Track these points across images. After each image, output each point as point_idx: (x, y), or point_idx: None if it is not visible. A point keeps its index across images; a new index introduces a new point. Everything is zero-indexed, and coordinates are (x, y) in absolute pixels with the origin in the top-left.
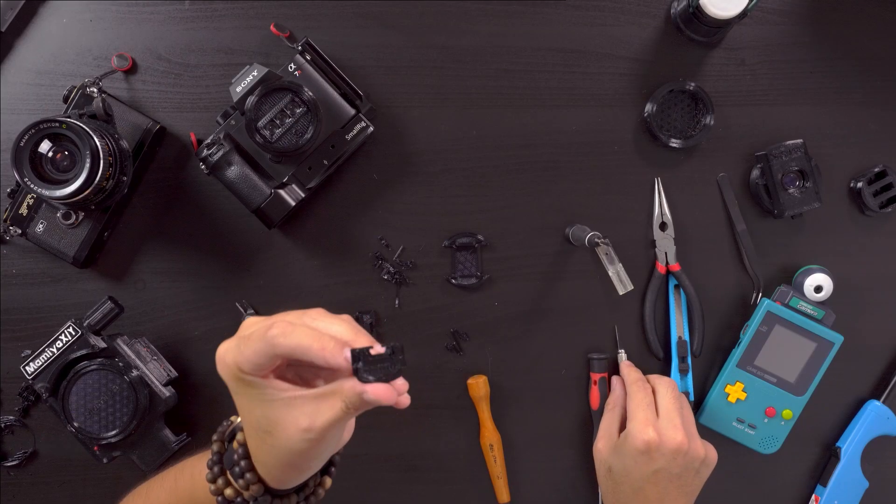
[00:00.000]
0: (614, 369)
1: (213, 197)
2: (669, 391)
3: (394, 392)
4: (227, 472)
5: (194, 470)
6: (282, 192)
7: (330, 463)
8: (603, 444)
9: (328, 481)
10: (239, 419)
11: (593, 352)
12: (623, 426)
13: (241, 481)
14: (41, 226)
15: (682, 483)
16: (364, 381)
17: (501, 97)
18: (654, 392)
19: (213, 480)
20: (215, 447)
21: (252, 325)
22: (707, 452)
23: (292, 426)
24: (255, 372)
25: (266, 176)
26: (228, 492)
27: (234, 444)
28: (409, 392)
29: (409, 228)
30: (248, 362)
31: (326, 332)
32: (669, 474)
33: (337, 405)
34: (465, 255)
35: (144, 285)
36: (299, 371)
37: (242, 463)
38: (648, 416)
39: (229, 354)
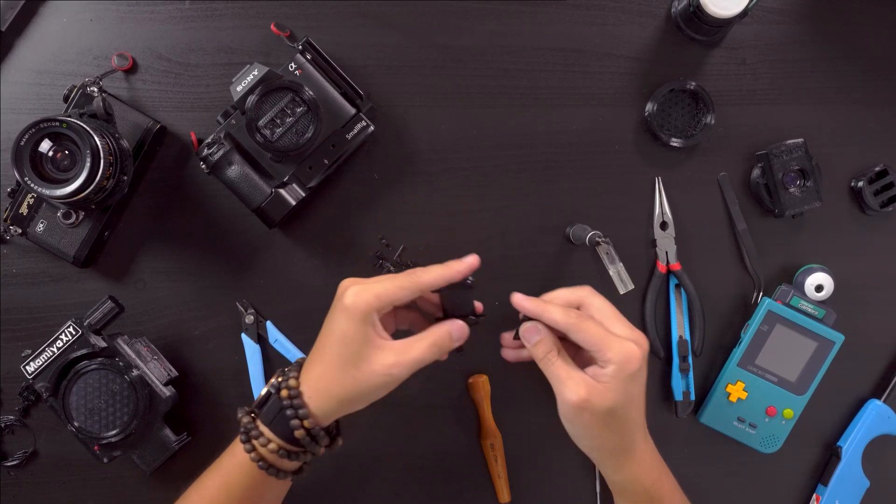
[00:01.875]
0: None
1: (213, 196)
2: (599, 296)
3: (466, 332)
4: (263, 432)
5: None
6: (282, 191)
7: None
8: (588, 392)
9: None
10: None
11: None
12: (580, 363)
13: (294, 421)
14: (41, 225)
15: None
16: (452, 315)
17: (502, 97)
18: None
19: (247, 441)
20: (245, 420)
21: (381, 276)
22: None
23: (378, 363)
24: (388, 306)
25: (266, 175)
26: (272, 446)
27: (283, 393)
28: (410, 391)
29: (409, 228)
30: (389, 293)
31: (448, 265)
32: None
33: (424, 345)
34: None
35: (145, 285)
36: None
37: (296, 401)
38: (621, 337)
39: (370, 289)
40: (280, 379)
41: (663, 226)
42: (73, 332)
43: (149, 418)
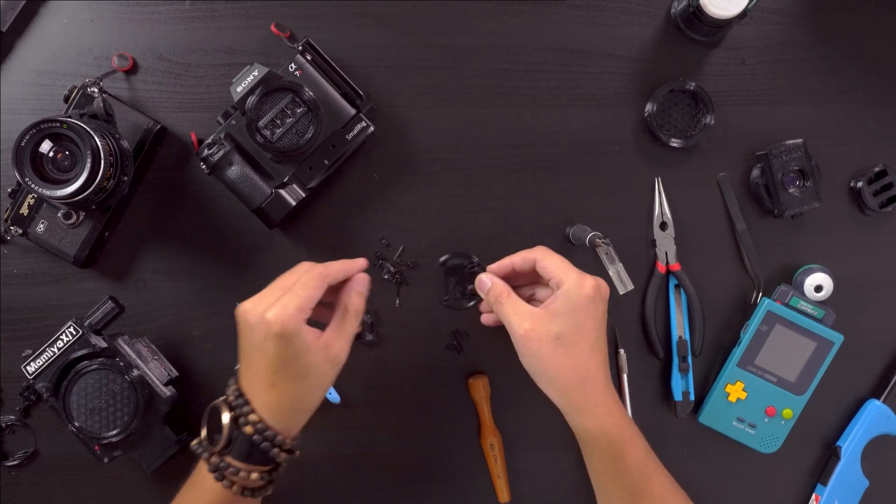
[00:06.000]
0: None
1: (213, 197)
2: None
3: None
4: (241, 468)
5: None
6: (282, 191)
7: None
8: (531, 321)
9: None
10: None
11: None
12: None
13: (274, 450)
14: (42, 225)
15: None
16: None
17: (501, 97)
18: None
19: (222, 479)
20: (215, 460)
21: (280, 287)
22: None
23: (324, 361)
24: (309, 307)
25: (267, 176)
26: (255, 476)
27: (248, 430)
28: (410, 390)
29: (409, 228)
30: (308, 299)
31: (346, 261)
32: (605, 318)
33: (349, 317)
34: (455, 279)
35: (145, 285)
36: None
37: (267, 433)
38: (574, 267)
39: (290, 305)
40: (231, 414)
41: (663, 226)
42: (74, 333)
43: (149, 418)
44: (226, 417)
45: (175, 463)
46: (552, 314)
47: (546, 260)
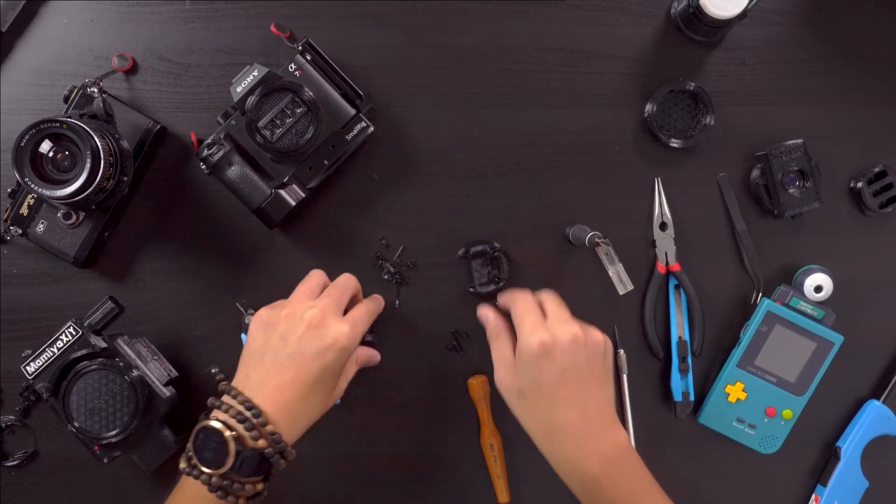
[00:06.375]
0: None
1: (213, 197)
2: (549, 293)
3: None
4: (245, 481)
5: None
6: (282, 192)
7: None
8: (503, 372)
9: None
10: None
11: None
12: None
13: (282, 462)
14: (42, 226)
15: (595, 374)
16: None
17: (501, 97)
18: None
19: (225, 496)
20: (215, 481)
21: (335, 300)
22: (605, 337)
23: (340, 387)
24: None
25: (266, 176)
26: (259, 486)
27: (261, 443)
28: (410, 390)
29: (409, 228)
30: (365, 329)
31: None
32: (579, 369)
33: (356, 367)
34: (479, 263)
35: (145, 285)
36: None
37: (280, 445)
38: (535, 320)
39: (358, 328)
40: (235, 432)
41: (663, 226)
42: (74, 333)
43: (149, 419)
44: (229, 436)
45: (175, 463)
46: (516, 367)
47: (512, 310)
